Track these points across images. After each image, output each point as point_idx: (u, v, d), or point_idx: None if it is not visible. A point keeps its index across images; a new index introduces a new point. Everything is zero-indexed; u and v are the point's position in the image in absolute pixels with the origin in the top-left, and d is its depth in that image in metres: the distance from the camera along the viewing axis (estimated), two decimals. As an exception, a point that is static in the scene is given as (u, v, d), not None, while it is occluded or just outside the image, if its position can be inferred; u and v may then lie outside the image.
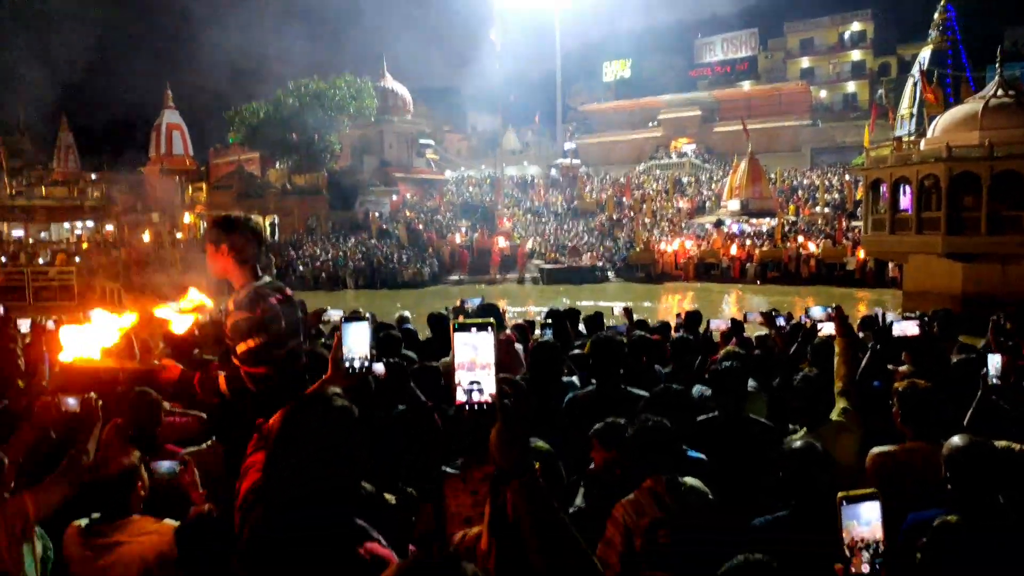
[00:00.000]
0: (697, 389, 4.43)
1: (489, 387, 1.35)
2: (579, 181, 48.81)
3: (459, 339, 1.36)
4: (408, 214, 43.27)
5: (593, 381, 4.23)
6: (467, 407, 1.36)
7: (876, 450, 3.25)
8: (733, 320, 5.24)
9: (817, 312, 5.18)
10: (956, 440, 2.53)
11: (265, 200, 42.37)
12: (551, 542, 1.29)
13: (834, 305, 4.71)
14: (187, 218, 41.13)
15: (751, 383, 4.35)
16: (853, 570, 1.42)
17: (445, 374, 4.88)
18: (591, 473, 3.20)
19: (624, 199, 43.55)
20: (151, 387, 3.58)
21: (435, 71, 71.09)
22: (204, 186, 44.69)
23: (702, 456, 3.25)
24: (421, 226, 40.82)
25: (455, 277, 35.28)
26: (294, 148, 44.51)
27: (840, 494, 1.45)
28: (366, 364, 2.05)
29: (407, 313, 8.57)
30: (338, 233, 41.06)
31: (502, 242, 36.63)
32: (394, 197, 46.01)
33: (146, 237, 36.21)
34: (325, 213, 43.16)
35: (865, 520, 1.44)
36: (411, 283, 33.86)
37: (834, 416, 3.56)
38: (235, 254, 2.85)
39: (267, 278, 2.93)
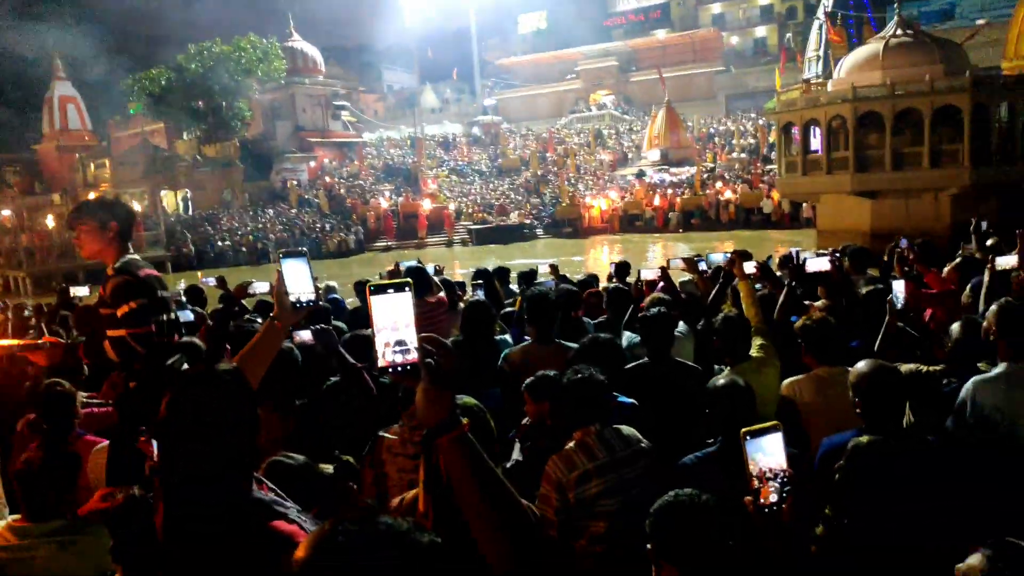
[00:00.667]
0: (628, 337, 4.50)
1: (412, 347, 1.32)
2: (501, 138, 48.47)
3: (376, 302, 1.32)
4: (328, 180, 42.13)
5: (527, 336, 4.24)
6: (391, 369, 1.33)
7: (788, 381, 3.41)
8: (661, 268, 5.32)
9: (717, 258, 5.32)
10: (862, 365, 2.65)
11: (175, 174, 40.43)
12: (484, 498, 1.27)
13: (731, 251, 4.90)
14: (91, 197, 38.94)
15: (680, 327, 4.46)
16: (762, 501, 1.47)
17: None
18: (525, 428, 3.22)
19: (548, 154, 43.57)
20: (38, 362, 3.66)
21: (345, 29, 68.67)
22: (107, 162, 42.25)
23: (634, 402, 3.31)
24: (343, 192, 39.85)
25: (382, 243, 34.75)
26: (201, 116, 42.35)
27: (743, 430, 1.49)
28: (311, 300, 1.98)
29: (334, 283, 8.34)
30: (256, 204, 39.67)
31: (428, 205, 36.20)
32: (312, 163, 44.65)
33: (50, 221, 34.09)
34: (240, 184, 41.55)
35: (769, 452, 1.49)
36: (337, 252, 33.16)
37: (753, 353, 3.70)
38: (119, 232, 3.06)
39: (137, 255, 3.16)
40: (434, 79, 60.10)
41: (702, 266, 5.63)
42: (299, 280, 1.97)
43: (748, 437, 1.47)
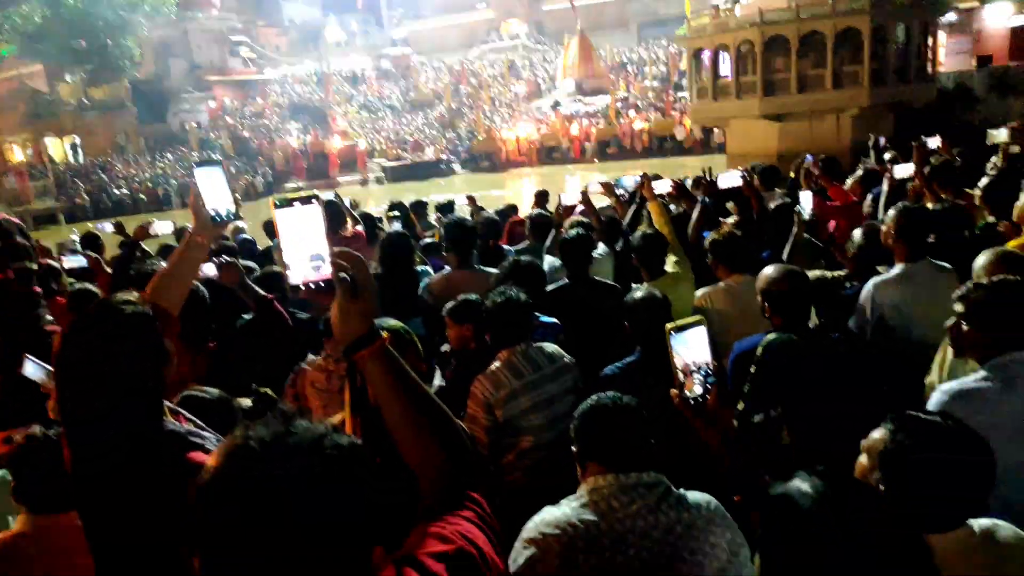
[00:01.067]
0: (549, 261, 4.52)
1: (325, 262, 1.25)
2: (412, 71, 46.98)
3: (282, 217, 1.24)
4: (230, 121, 39.94)
5: (446, 267, 4.21)
6: (305, 286, 1.26)
7: (700, 291, 3.53)
8: (582, 194, 5.34)
9: (629, 182, 5.43)
10: (769, 270, 2.75)
11: (60, 120, 37.42)
12: (411, 410, 1.22)
13: (641, 174, 5.02)
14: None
15: (600, 249, 4.52)
16: (687, 393, 1.50)
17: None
18: (446, 355, 3.21)
19: (461, 87, 42.61)
20: None
21: (239, -42, 63.89)
22: (-19, 108, 38.57)
23: (556, 321, 3.34)
24: (247, 133, 37.95)
25: (292, 184, 33.47)
26: (85, 56, 38.93)
27: (668, 326, 1.50)
28: (232, 212, 1.85)
29: (242, 223, 7.99)
30: (154, 149, 37.32)
31: (339, 142, 34.97)
32: (211, 103, 42.13)
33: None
34: (134, 128, 38.88)
35: (693, 345, 1.51)
36: (244, 195, 31.75)
37: (668, 268, 3.80)
38: None
39: None
40: (338, 10, 57.14)
41: (618, 191, 5.69)
42: (216, 191, 1.84)
43: (673, 332, 1.49)
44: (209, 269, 3.55)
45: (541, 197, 7.52)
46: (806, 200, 3.96)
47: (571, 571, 1.62)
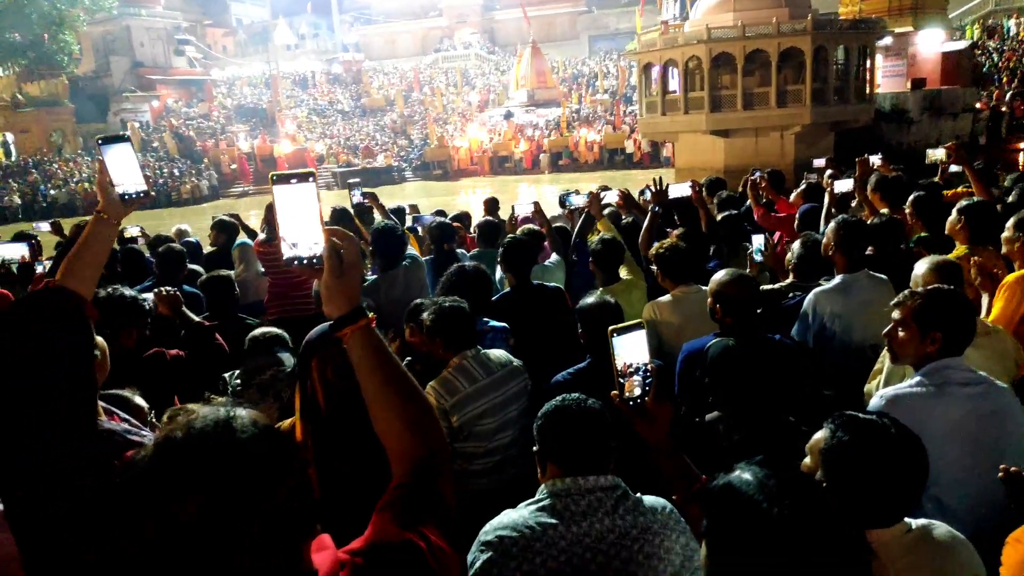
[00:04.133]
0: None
1: (316, 238, 1.25)
2: (364, 76, 46.60)
3: (279, 192, 1.24)
4: (174, 122, 38.88)
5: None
6: (295, 262, 1.26)
7: (647, 304, 3.61)
8: (535, 203, 5.39)
9: (578, 200, 5.54)
10: (722, 274, 2.83)
11: (-9, 115, 35.87)
12: (391, 391, 1.22)
13: (589, 191, 5.13)
14: None
15: (552, 258, 4.57)
16: (627, 393, 1.54)
17: (238, 283, 4.56)
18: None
19: (414, 93, 42.46)
20: None
21: (185, -44, 62.38)
22: (-97, 102, 36.67)
23: (505, 325, 3.35)
24: (192, 134, 37.00)
25: (239, 189, 32.81)
26: (19, 50, 37.41)
27: (610, 328, 1.54)
28: (141, 191, 1.79)
29: (186, 226, 7.79)
30: (91, 149, 36.01)
31: (288, 147, 34.40)
32: (155, 103, 40.95)
33: None
34: (72, 126, 37.53)
35: (632, 347, 1.55)
36: (190, 200, 30.98)
37: (623, 275, 3.87)
38: None
39: None
40: (288, 13, 56.34)
41: (568, 205, 5.80)
42: (125, 169, 1.77)
43: (615, 334, 1.52)
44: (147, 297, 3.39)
45: (491, 204, 7.56)
46: (758, 241, 4.07)
47: (528, 574, 1.63)
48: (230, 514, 0.80)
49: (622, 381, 1.55)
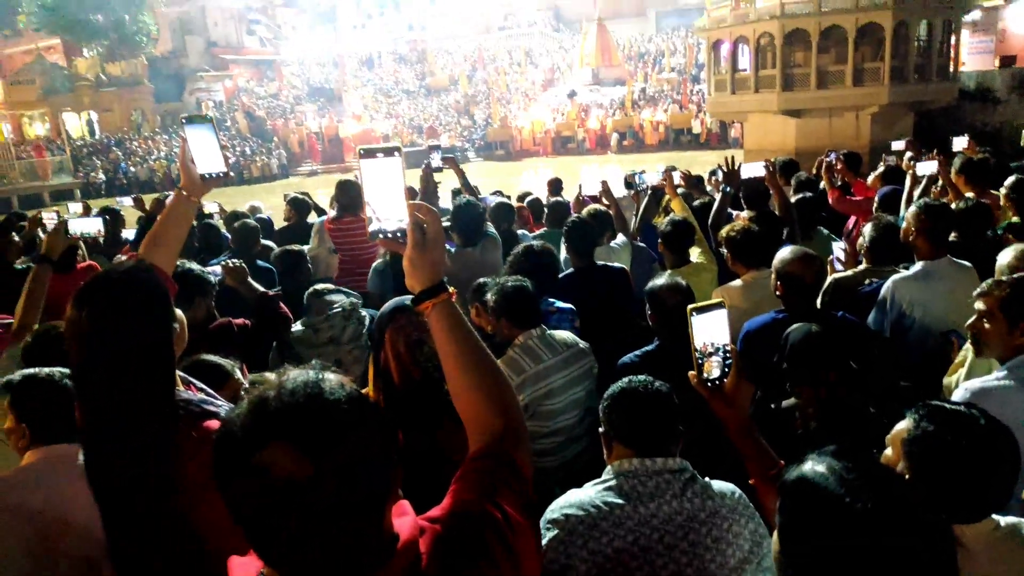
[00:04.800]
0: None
1: (400, 212, 1.27)
2: (428, 56, 46.82)
3: (366, 167, 1.27)
4: (245, 101, 39.97)
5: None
6: (380, 235, 1.29)
7: (718, 288, 3.54)
8: (602, 183, 5.34)
9: (645, 179, 5.47)
10: (787, 253, 2.76)
11: (77, 94, 37.56)
12: (468, 365, 1.25)
13: (664, 168, 5.03)
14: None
15: (619, 239, 4.52)
16: (705, 375, 1.51)
17: (311, 259, 4.69)
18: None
19: (477, 72, 42.45)
20: None
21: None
22: (-1, 82, 38.79)
23: (572, 307, 3.34)
24: (263, 113, 37.99)
25: (307, 168, 33.57)
26: (102, 32, 39.05)
27: (689, 307, 1.51)
28: (222, 171, 1.85)
29: (259, 203, 8.02)
30: (168, 127, 37.42)
31: (354, 126, 34.96)
32: (227, 83, 42.16)
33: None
34: (151, 106, 39.01)
35: (712, 328, 1.52)
36: (260, 178, 31.89)
37: (693, 259, 3.80)
38: None
39: None
40: (356, -8, 56.90)
41: (638, 179, 5.71)
42: (206, 149, 1.83)
43: (694, 313, 1.50)
44: (215, 269, 3.53)
45: (555, 184, 7.52)
46: (838, 249, 3.94)
47: (594, 553, 1.63)
48: (321, 472, 0.83)
49: (701, 362, 1.52)
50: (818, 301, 3.00)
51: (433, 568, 0.95)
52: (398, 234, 1.28)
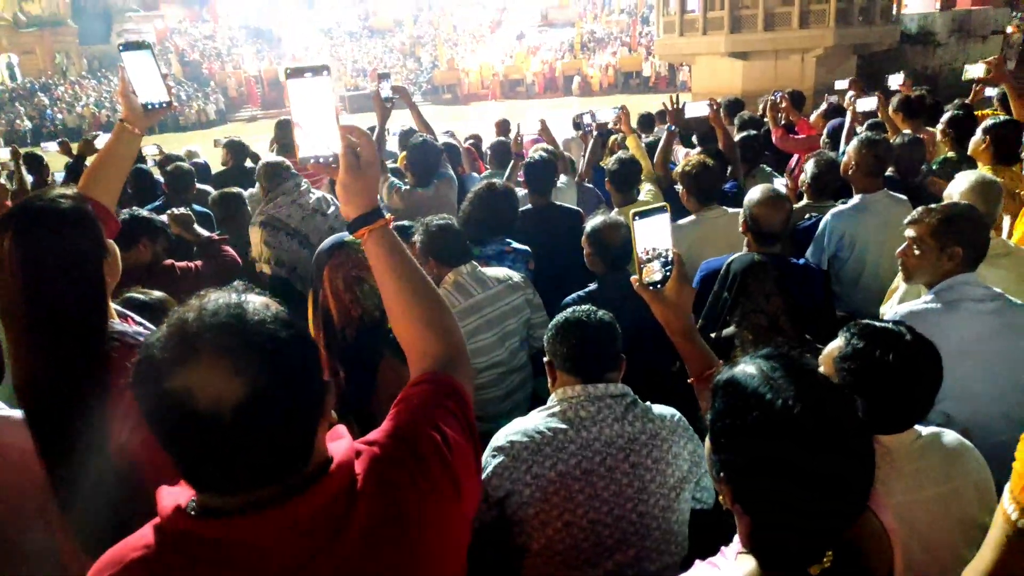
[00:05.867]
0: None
1: (332, 135, 1.21)
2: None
3: (293, 87, 1.20)
4: (179, 43, 38.03)
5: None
6: (312, 159, 1.23)
7: (673, 225, 3.53)
8: (541, 122, 5.27)
9: (593, 119, 5.41)
10: (757, 193, 2.77)
11: (-7, 35, 35.16)
12: (407, 291, 1.22)
13: (619, 106, 4.98)
14: None
15: (563, 179, 4.50)
16: (645, 278, 1.51)
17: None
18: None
19: (423, 12, 41.19)
20: None
21: None
22: (-98, 20, 35.93)
23: (527, 248, 3.32)
24: (197, 56, 36.26)
25: (247, 113, 32.35)
26: (17, -34, 36.41)
27: (632, 211, 1.49)
28: (164, 101, 1.77)
29: (196, 147, 7.72)
30: (96, 72, 35.44)
31: (296, 69, 33.67)
32: (158, 24, 39.95)
33: None
34: (76, 48, 36.79)
35: (654, 232, 1.51)
36: (196, 124, 30.61)
37: (642, 197, 3.81)
38: None
39: None
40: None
41: (587, 119, 5.65)
42: (146, 78, 1.74)
43: (637, 218, 1.47)
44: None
45: (503, 126, 7.42)
46: (778, 185, 3.98)
47: (537, 477, 1.66)
48: (247, 391, 0.80)
49: (643, 265, 1.52)
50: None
51: (369, 487, 0.94)
52: (330, 158, 1.23)
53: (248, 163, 6.18)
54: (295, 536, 0.86)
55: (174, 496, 0.90)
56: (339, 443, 0.97)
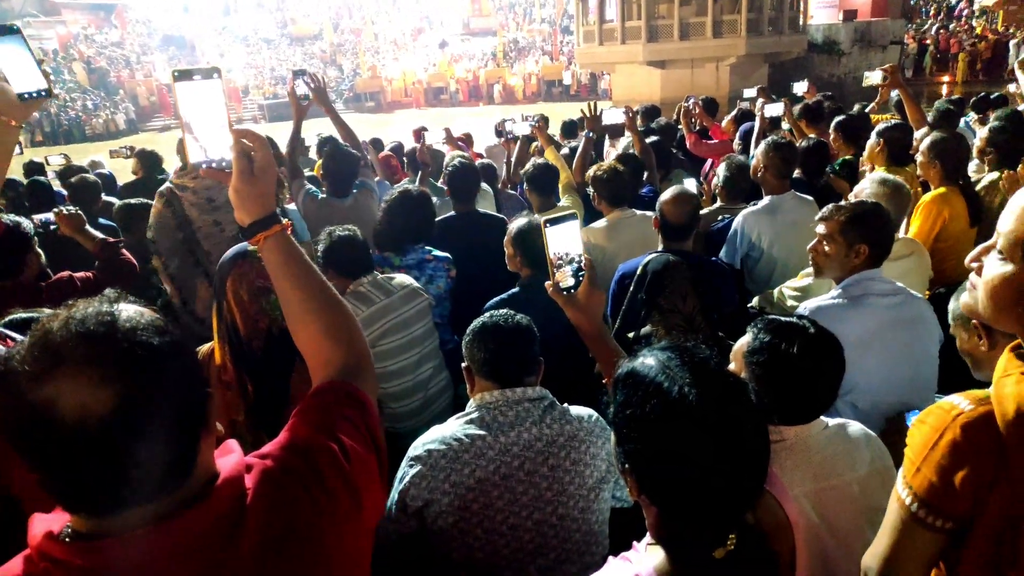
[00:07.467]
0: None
1: (224, 140, 1.16)
2: (289, 2, 44.20)
3: (181, 90, 1.14)
4: (84, 50, 36.19)
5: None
6: (203, 165, 1.17)
7: (583, 228, 3.59)
8: (446, 130, 5.28)
9: (515, 128, 5.46)
10: (666, 194, 2.83)
11: None
12: (306, 298, 1.17)
13: (536, 117, 5.04)
14: None
15: (483, 186, 4.49)
16: (560, 283, 1.52)
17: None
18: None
19: (344, 20, 40.62)
20: None
21: None
22: None
23: (448, 256, 3.28)
24: (104, 64, 34.62)
25: (159, 122, 31.09)
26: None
27: (543, 218, 1.51)
28: (42, 89, 1.65)
29: (100, 157, 7.35)
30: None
31: (211, 77, 32.60)
32: (60, 30, 37.91)
33: None
34: (-32, 54, 34.50)
35: (565, 238, 1.53)
36: (104, 134, 29.19)
37: (561, 202, 3.85)
38: None
39: None
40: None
41: (508, 127, 5.68)
42: (20, 65, 1.62)
43: (548, 224, 1.49)
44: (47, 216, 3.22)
45: (420, 134, 7.38)
46: (690, 183, 4.08)
47: (456, 485, 1.63)
48: (117, 403, 0.74)
49: (556, 271, 1.52)
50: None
51: (259, 503, 0.89)
52: (223, 163, 1.17)
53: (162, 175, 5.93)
54: (178, 558, 0.80)
55: (47, 523, 0.83)
56: (228, 458, 0.92)
